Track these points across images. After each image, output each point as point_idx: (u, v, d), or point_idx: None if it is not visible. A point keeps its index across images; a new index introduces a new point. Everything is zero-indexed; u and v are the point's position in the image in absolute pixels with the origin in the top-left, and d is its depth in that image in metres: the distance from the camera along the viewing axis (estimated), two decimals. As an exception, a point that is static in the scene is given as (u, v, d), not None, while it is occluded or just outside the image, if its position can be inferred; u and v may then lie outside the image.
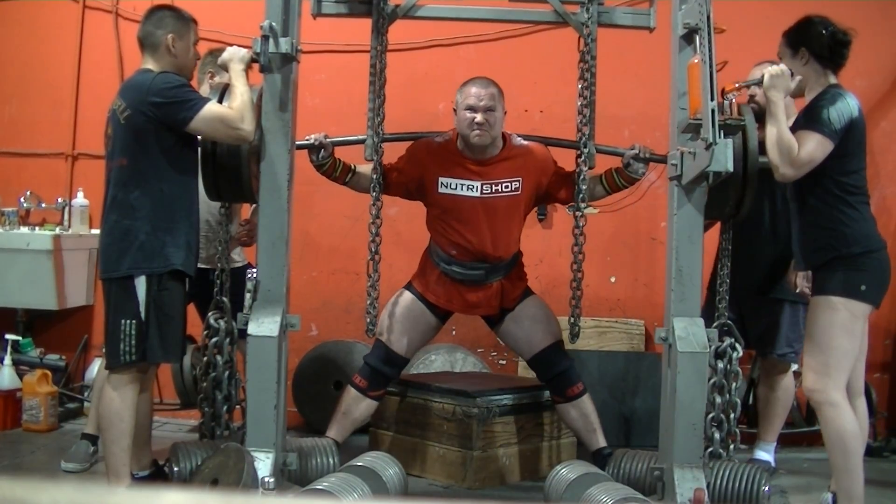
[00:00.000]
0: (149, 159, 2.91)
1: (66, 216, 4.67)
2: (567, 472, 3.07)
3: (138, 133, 2.90)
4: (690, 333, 2.96)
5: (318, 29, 3.68)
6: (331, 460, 3.13)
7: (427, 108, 4.29)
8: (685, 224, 3.03)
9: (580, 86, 3.34)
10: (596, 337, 4.43)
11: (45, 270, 4.36)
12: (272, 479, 2.77)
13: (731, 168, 2.77)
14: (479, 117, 3.31)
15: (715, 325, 3.25)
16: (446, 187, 3.40)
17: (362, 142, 3.28)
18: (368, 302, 3.32)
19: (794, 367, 3.72)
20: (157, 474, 3.22)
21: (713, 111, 2.62)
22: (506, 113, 3.44)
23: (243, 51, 2.99)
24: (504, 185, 3.39)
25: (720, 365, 3.18)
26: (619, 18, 3.37)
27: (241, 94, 2.92)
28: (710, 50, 2.70)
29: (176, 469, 2.95)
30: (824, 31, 3.02)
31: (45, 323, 4.69)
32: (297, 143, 3.18)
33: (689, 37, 2.95)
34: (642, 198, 4.45)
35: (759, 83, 3.05)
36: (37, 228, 4.59)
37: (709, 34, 2.73)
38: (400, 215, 4.36)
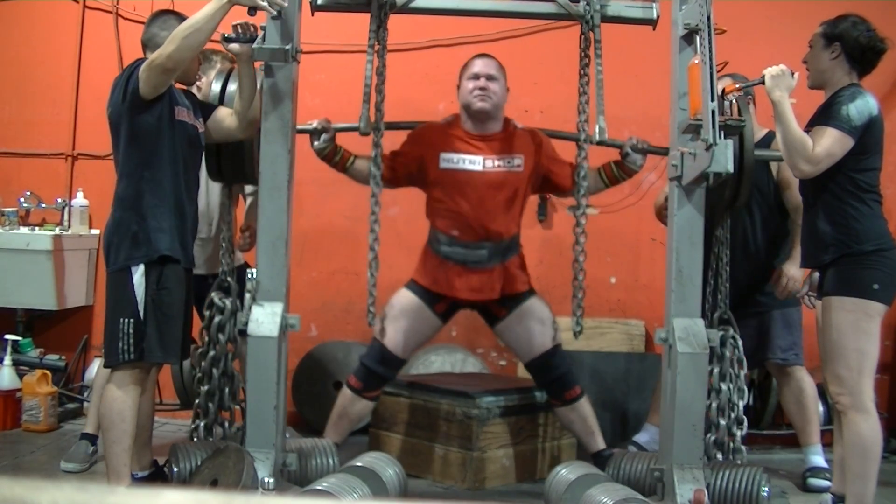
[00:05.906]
0: (129, 150, 2.95)
1: (65, 216, 4.67)
2: (567, 472, 3.06)
3: (116, 127, 2.97)
4: (690, 334, 2.96)
5: (319, 29, 3.68)
6: (330, 461, 3.13)
7: (427, 108, 4.28)
8: (685, 224, 3.03)
9: (582, 82, 3.31)
10: (596, 337, 4.43)
11: (45, 270, 4.37)
12: (272, 480, 2.77)
13: (731, 169, 2.76)
14: (481, 82, 3.39)
15: (715, 315, 3.29)
16: (448, 162, 3.40)
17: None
18: (370, 276, 3.25)
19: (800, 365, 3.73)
20: (157, 475, 3.22)
21: (713, 112, 2.61)
22: (508, 90, 3.48)
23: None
24: (506, 160, 3.41)
25: (723, 353, 3.20)
26: (621, 11, 3.30)
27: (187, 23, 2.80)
28: (710, 51, 2.70)
29: (176, 469, 2.94)
30: (864, 34, 3.01)
31: (45, 323, 4.69)
32: (298, 127, 3.17)
33: (689, 37, 2.95)
34: (643, 198, 4.45)
35: (761, 84, 3.04)
36: (36, 228, 4.58)
37: (709, 35, 2.73)
38: (400, 215, 4.36)
